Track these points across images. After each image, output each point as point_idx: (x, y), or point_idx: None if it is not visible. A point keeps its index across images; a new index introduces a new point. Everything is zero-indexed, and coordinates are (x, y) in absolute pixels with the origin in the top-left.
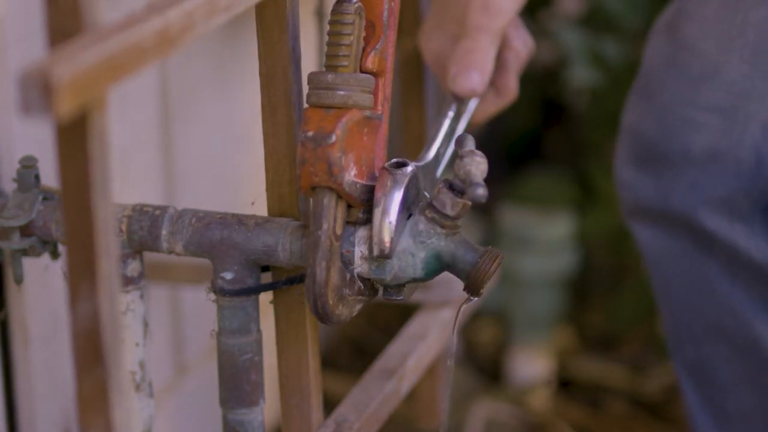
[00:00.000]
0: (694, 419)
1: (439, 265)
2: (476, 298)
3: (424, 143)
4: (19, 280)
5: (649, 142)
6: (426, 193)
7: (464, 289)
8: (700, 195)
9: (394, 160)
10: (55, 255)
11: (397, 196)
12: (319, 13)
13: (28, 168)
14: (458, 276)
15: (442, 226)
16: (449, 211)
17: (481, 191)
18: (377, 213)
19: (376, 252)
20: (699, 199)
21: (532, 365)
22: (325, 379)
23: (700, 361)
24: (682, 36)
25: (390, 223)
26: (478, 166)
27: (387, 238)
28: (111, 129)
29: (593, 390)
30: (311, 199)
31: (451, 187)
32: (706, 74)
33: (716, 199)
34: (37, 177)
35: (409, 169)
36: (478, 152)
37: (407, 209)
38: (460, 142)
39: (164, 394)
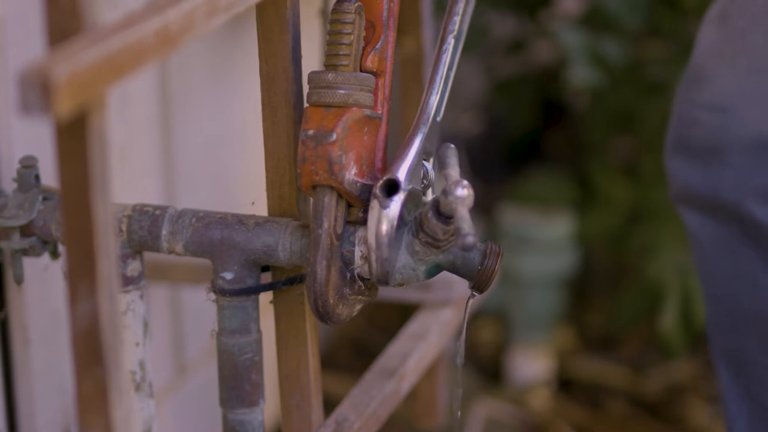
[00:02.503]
0: (727, 408)
1: (441, 270)
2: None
3: None
4: (19, 280)
5: (697, 131)
6: (426, 164)
7: (470, 288)
8: (750, 185)
9: (387, 178)
10: (55, 255)
11: (388, 230)
12: (324, 13)
13: (28, 168)
14: (463, 278)
15: (438, 247)
16: (441, 237)
17: (470, 240)
18: (371, 247)
19: (374, 280)
20: (748, 189)
21: (532, 365)
22: (325, 379)
23: (738, 350)
24: (732, 27)
25: (384, 259)
26: (463, 202)
27: (382, 273)
28: (110, 129)
29: (593, 390)
30: (311, 198)
31: (439, 213)
32: (755, 66)
33: (766, 189)
34: (37, 177)
35: (399, 196)
36: (463, 183)
37: (405, 219)
38: (442, 159)
39: (164, 394)
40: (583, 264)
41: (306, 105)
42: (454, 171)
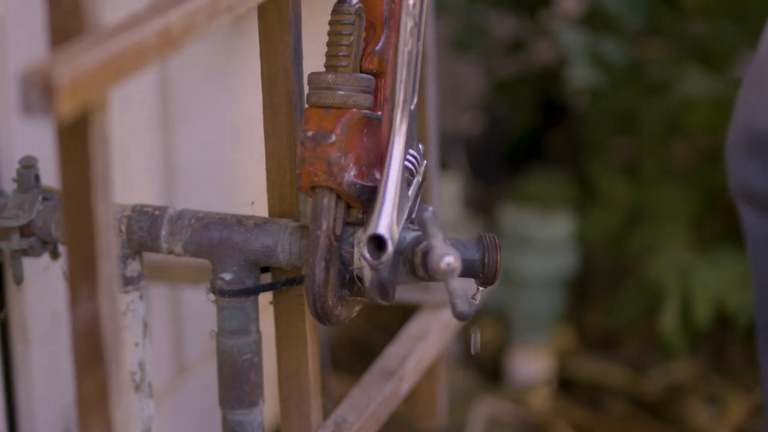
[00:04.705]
0: None
1: None
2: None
3: (424, 144)
4: (19, 280)
5: (759, 131)
6: (412, 154)
7: (478, 285)
8: None
9: (371, 235)
10: (55, 255)
11: (384, 288)
12: None
13: (28, 168)
14: (469, 278)
15: (436, 280)
16: (437, 278)
17: (465, 311)
18: (372, 295)
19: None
20: None
21: (532, 365)
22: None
23: None
24: None
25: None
26: (452, 274)
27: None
28: (111, 129)
29: (593, 390)
30: (311, 199)
31: (430, 270)
32: None
33: None
34: (37, 177)
35: (389, 253)
36: (447, 256)
37: (402, 244)
38: (422, 227)
39: (164, 395)
40: (583, 264)
41: (306, 106)
42: (436, 241)
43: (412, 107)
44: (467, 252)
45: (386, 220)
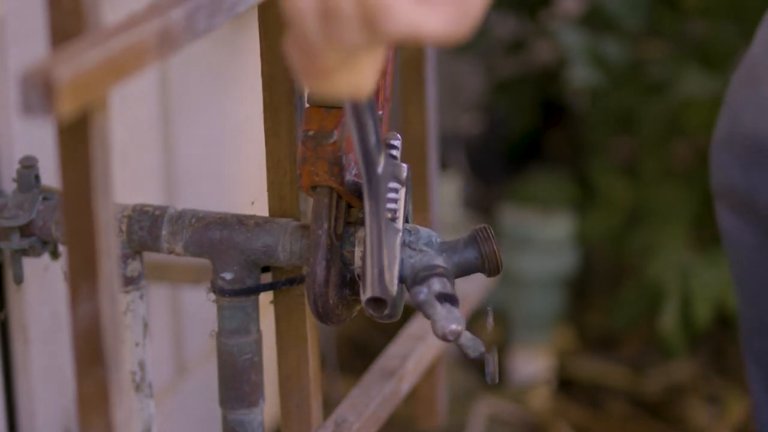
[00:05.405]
0: (758, 413)
1: None
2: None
3: (424, 144)
4: (19, 280)
5: (746, 131)
6: (393, 191)
7: (485, 275)
8: None
9: (371, 298)
10: (55, 255)
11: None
12: None
13: (28, 168)
14: (472, 274)
15: None
16: None
17: (478, 356)
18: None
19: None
20: None
21: (532, 365)
22: (325, 380)
23: None
24: None
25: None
26: (459, 336)
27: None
28: (111, 129)
29: (593, 390)
30: (311, 199)
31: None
32: None
33: None
34: (37, 177)
35: (389, 306)
36: (450, 326)
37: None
38: (421, 309)
39: (164, 394)
40: (583, 264)
41: (306, 106)
42: (437, 315)
43: (380, 170)
44: (464, 253)
45: (377, 281)
